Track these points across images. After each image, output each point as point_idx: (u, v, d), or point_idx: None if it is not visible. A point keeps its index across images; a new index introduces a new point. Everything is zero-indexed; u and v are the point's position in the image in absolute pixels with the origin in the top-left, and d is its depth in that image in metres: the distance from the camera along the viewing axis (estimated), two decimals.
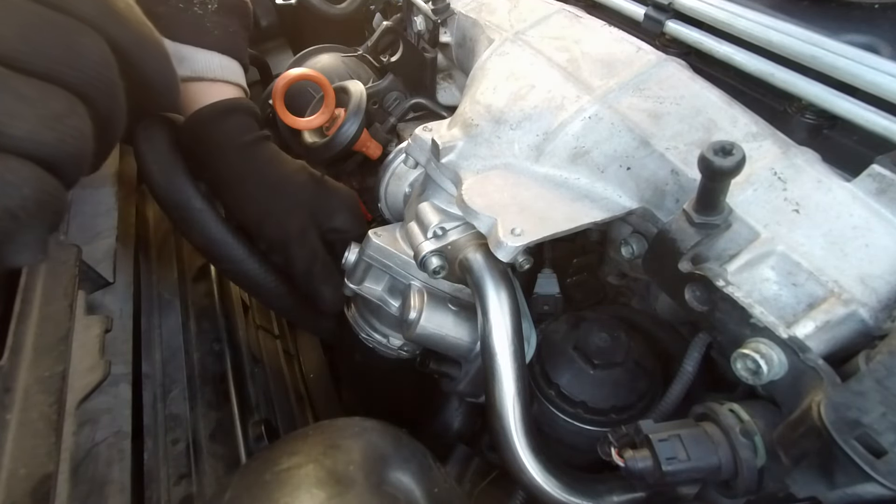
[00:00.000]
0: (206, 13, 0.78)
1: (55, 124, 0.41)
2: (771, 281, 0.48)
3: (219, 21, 0.79)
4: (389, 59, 1.06)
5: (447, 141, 0.64)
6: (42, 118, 0.41)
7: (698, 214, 0.47)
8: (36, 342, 0.52)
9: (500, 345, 0.58)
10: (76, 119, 0.43)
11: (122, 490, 0.60)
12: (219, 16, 0.79)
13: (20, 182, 0.39)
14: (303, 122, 0.87)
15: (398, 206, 0.87)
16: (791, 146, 0.55)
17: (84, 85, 0.44)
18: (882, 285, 0.46)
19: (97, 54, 0.46)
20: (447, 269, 0.64)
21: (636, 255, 0.61)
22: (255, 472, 0.52)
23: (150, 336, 0.84)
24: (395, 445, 0.56)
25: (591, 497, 0.56)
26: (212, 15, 0.78)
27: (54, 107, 0.42)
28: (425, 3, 0.90)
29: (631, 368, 0.66)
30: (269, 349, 1.06)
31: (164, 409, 0.76)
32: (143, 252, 0.95)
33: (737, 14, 0.64)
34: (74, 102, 0.43)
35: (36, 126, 0.40)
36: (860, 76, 0.54)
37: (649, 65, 0.66)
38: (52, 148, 0.41)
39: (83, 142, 0.44)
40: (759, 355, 0.43)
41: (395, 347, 0.79)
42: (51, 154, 0.41)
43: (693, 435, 0.47)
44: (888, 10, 0.60)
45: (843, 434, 0.37)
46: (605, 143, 0.61)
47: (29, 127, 0.40)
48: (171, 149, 0.81)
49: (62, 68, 0.43)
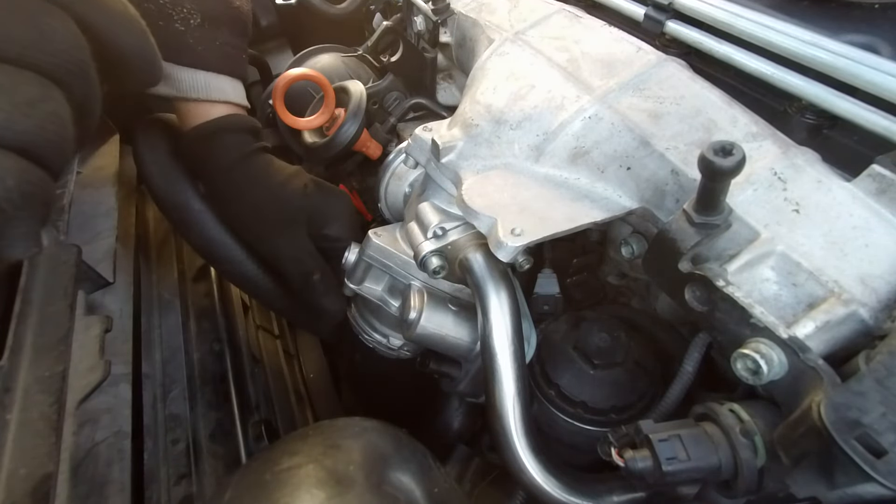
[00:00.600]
0: (188, 29, 0.71)
1: (30, 110, 0.40)
2: (771, 281, 0.48)
3: (203, 36, 0.73)
4: (389, 59, 1.06)
5: (447, 141, 0.64)
6: (16, 105, 0.39)
7: (698, 214, 0.47)
8: (36, 342, 0.52)
9: (500, 345, 0.58)
10: (52, 104, 0.42)
11: (122, 490, 0.60)
12: (203, 30, 0.73)
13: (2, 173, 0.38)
14: (303, 122, 0.87)
15: (398, 206, 0.87)
16: (791, 146, 0.55)
17: (56, 68, 0.42)
18: (882, 285, 0.46)
19: (67, 35, 0.44)
20: (447, 269, 0.64)
21: (636, 255, 0.61)
22: (255, 472, 0.52)
23: (150, 336, 0.84)
24: (395, 445, 0.56)
25: (591, 497, 0.56)
26: (195, 30, 0.72)
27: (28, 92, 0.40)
28: (425, 3, 0.90)
29: (631, 368, 0.66)
30: (269, 349, 1.06)
31: (164, 409, 0.76)
32: (143, 252, 0.95)
33: (737, 14, 0.64)
34: (48, 86, 0.42)
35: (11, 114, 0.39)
36: (860, 76, 0.54)
37: (649, 65, 0.66)
38: (31, 135, 0.40)
39: (62, 127, 0.43)
40: (759, 355, 0.43)
41: (396, 347, 0.79)
42: (30, 142, 0.40)
43: (693, 435, 0.47)
44: (888, 10, 0.60)
45: (843, 434, 0.37)
46: (605, 143, 0.61)
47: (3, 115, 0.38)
48: (170, 150, 0.81)
49: (32, 52, 0.41)
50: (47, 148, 0.41)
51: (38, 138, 0.40)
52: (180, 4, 0.70)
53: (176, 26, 0.70)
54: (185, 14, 0.70)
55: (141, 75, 0.58)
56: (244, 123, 0.80)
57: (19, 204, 0.40)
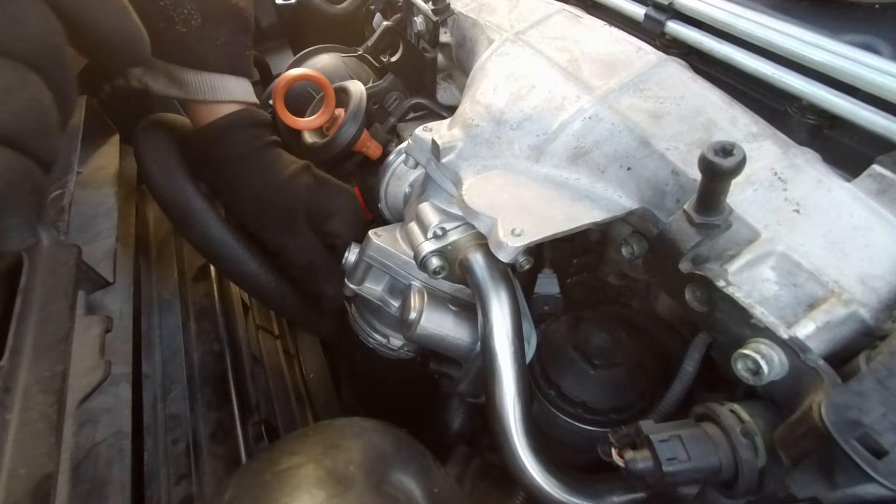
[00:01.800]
0: (189, 30, 0.71)
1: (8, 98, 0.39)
2: (771, 281, 0.48)
3: (205, 36, 0.73)
4: (389, 59, 1.05)
5: (447, 141, 0.64)
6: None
7: (698, 215, 0.47)
8: (36, 342, 0.52)
9: (500, 345, 0.58)
10: (30, 90, 0.41)
11: (122, 490, 0.60)
12: (204, 30, 0.73)
13: None
14: (303, 122, 0.87)
15: (398, 206, 0.87)
16: (791, 146, 0.55)
17: (31, 53, 0.41)
18: (882, 285, 0.46)
19: (40, 20, 0.43)
20: (447, 269, 0.64)
21: (636, 255, 0.61)
22: (255, 472, 0.52)
23: (150, 336, 0.84)
24: (395, 445, 0.56)
25: (591, 497, 0.56)
26: (196, 31, 0.72)
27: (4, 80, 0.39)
28: (425, 3, 0.90)
29: (631, 368, 0.66)
30: (269, 349, 1.06)
31: (164, 409, 0.76)
32: (143, 252, 0.95)
33: (737, 14, 0.64)
34: (25, 72, 0.41)
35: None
36: (860, 76, 0.54)
37: (649, 65, 0.66)
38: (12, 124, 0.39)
39: (43, 113, 0.42)
40: (759, 355, 0.43)
41: (396, 348, 0.79)
42: (11, 130, 0.39)
43: (693, 435, 0.47)
44: (888, 10, 0.60)
45: (844, 434, 0.37)
46: (606, 144, 0.61)
47: None
48: (171, 149, 0.81)
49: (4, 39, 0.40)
50: (29, 135, 0.41)
51: (19, 126, 0.40)
52: (180, 6, 0.70)
53: (177, 28, 0.71)
54: (186, 15, 0.70)
55: (124, 53, 0.57)
56: (253, 118, 0.81)
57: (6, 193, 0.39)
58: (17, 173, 0.40)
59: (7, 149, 0.40)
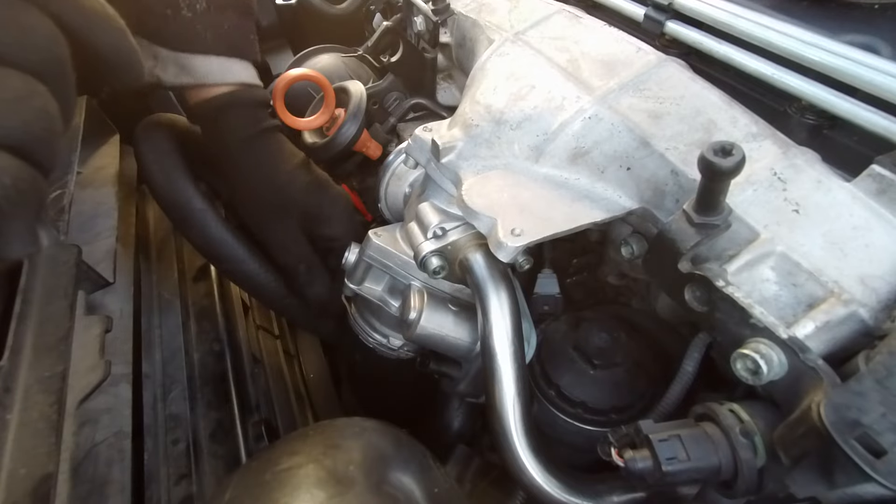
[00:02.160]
0: (195, 15, 0.73)
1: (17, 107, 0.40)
2: (771, 281, 0.48)
3: (210, 21, 0.74)
4: (389, 59, 1.06)
5: (447, 141, 0.64)
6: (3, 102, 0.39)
7: (698, 215, 0.47)
8: (36, 342, 0.52)
9: (500, 345, 0.58)
10: (38, 99, 0.42)
11: (122, 490, 0.60)
12: (210, 15, 0.74)
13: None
14: (303, 122, 0.87)
15: (398, 206, 0.87)
16: (791, 146, 0.55)
17: (38, 64, 0.42)
18: (882, 285, 0.46)
19: (46, 32, 0.44)
20: (447, 269, 0.64)
21: (636, 255, 0.61)
22: (255, 472, 0.52)
23: (150, 336, 0.84)
24: (395, 445, 0.56)
25: (591, 497, 0.56)
26: (202, 16, 0.73)
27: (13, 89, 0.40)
28: (425, 3, 0.90)
29: (631, 368, 0.66)
30: (269, 349, 1.06)
31: (164, 409, 0.76)
32: (143, 252, 0.95)
33: (737, 14, 0.64)
34: (32, 83, 0.42)
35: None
36: (860, 76, 0.54)
37: (649, 65, 0.66)
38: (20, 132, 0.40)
39: (50, 123, 0.42)
40: (759, 355, 0.43)
41: (396, 348, 0.79)
42: (20, 139, 0.40)
43: (693, 435, 0.47)
44: (888, 10, 0.60)
45: (843, 434, 0.37)
46: (605, 144, 0.61)
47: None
48: (171, 149, 0.81)
49: (14, 49, 0.41)
50: (37, 144, 0.41)
51: (27, 135, 0.40)
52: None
53: (184, 14, 0.72)
54: (191, 0, 0.72)
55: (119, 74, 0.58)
56: (256, 96, 0.81)
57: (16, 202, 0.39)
58: (25, 182, 0.41)
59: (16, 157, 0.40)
